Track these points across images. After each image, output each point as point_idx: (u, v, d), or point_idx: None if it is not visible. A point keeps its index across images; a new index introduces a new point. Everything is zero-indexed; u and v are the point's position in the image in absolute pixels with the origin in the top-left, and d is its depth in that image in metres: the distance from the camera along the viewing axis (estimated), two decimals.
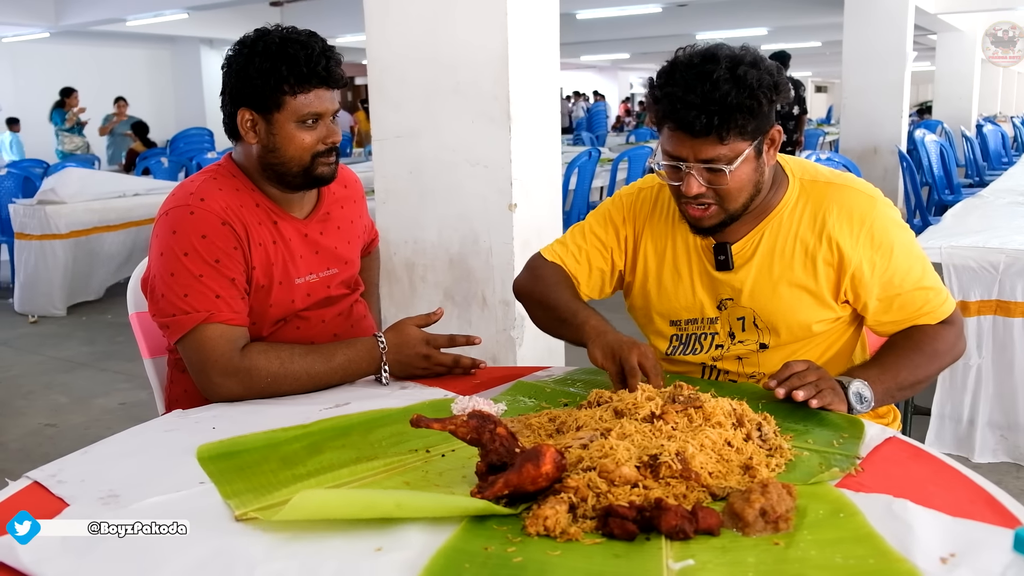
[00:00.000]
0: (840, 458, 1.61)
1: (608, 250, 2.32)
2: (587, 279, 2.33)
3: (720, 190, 2.01)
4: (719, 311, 2.21)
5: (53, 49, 18.93)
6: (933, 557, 1.24)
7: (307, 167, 2.21)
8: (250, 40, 2.18)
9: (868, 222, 2.10)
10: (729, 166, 1.97)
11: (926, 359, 2.09)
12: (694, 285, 2.23)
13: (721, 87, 1.90)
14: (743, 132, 1.95)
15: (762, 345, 2.19)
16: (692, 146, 1.97)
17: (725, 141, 1.95)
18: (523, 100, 3.51)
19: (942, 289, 2.15)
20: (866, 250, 2.09)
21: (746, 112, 1.93)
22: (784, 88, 2.01)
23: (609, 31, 20.01)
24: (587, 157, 8.41)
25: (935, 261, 3.85)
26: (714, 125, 1.92)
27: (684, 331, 2.26)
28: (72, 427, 5.01)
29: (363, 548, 1.31)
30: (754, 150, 2.00)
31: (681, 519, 1.31)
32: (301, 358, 2.14)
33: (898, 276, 2.10)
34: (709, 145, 1.96)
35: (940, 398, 3.95)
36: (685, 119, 1.93)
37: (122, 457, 1.74)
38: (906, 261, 2.10)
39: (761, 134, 2.01)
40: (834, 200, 2.12)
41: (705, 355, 2.25)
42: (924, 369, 2.09)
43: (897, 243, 2.10)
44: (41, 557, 1.29)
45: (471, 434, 1.50)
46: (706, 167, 1.99)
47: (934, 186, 9.09)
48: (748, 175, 2.02)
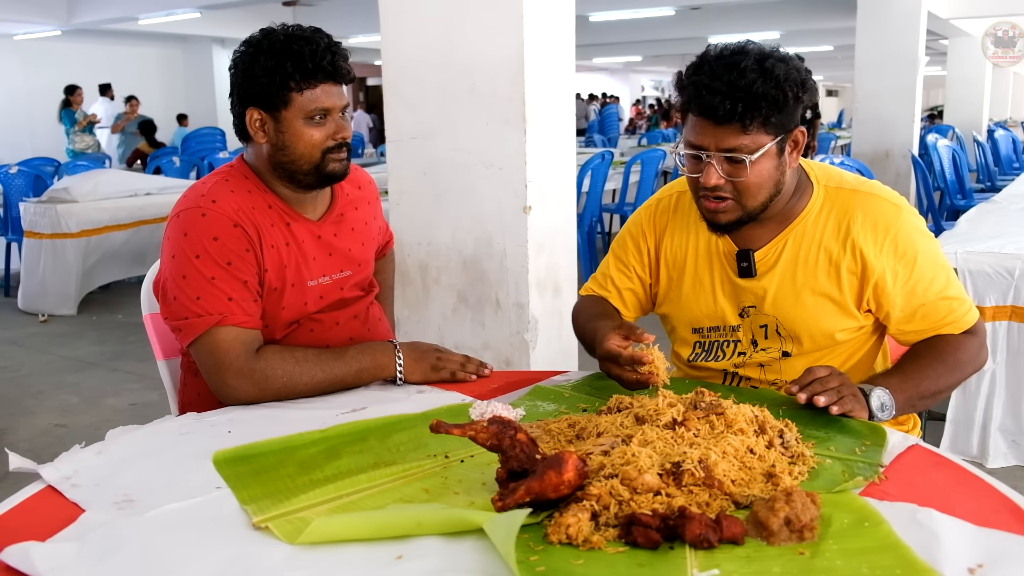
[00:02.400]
0: (863, 466, 1.59)
1: (630, 268, 2.35)
2: (621, 303, 2.37)
3: (739, 183, 2.00)
4: (741, 319, 2.20)
5: (64, 47, 18.97)
6: (960, 568, 1.23)
7: (318, 164, 2.20)
8: (255, 40, 2.18)
9: (892, 231, 2.08)
10: (750, 156, 1.96)
11: (948, 368, 2.07)
12: (715, 293, 2.22)
13: (748, 75, 1.91)
14: (766, 124, 1.95)
15: (784, 353, 2.18)
16: (715, 134, 1.97)
17: (748, 130, 1.95)
18: (538, 103, 3.50)
19: (966, 299, 2.13)
20: (889, 259, 2.08)
21: (771, 102, 1.93)
22: (812, 88, 2.01)
23: (622, 33, 20.00)
24: (600, 159, 8.40)
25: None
26: (737, 112, 1.92)
27: (707, 338, 2.26)
28: (82, 427, 5.00)
29: (383, 556, 1.30)
30: (776, 146, 2.00)
31: (705, 528, 1.30)
32: (315, 359, 2.13)
33: (921, 285, 2.08)
34: (731, 134, 1.96)
35: (955, 404, 3.94)
36: (709, 104, 1.93)
37: (137, 459, 1.72)
38: (930, 270, 2.09)
39: (785, 132, 2.00)
40: (859, 208, 2.11)
41: (727, 362, 2.24)
42: (946, 379, 2.07)
43: (921, 252, 2.08)
44: (57, 565, 1.27)
45: (491, 440, 1.49)
46: (726, 157, 1.98)
47: (946, 191, 9.06)
48: (768, 172, 2.01)
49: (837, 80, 42.20)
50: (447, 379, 2.23)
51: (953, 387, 2.17)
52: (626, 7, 16.37)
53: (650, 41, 22.21)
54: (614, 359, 1.93)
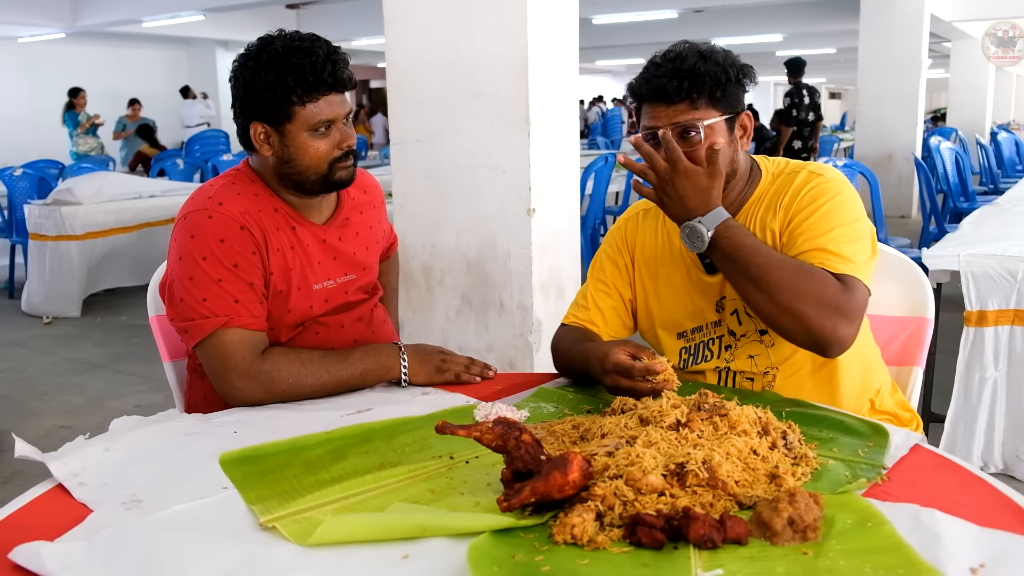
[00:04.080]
0: (866, 467, 1.60)
1: (611, 286, 2.37)
2: (603, 322, 2.36)
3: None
4: (719, 312, 2.23)
5: (69, 50, 18.99)
6: (963, 568, 1.23)
7: (325, 174, 2.21)
8: (254, 51, 2.17)
9: (806, 189, 2.14)
10: (701, 125, 2.08)
11: (794, 275, 1.97)
12: (690, 292, 2.26)
13: (689, 59, 2.09)
14: (712, 99, 2.09)
15: (762, 331, 2.19)
16: (667, 113, 2.10)
17: (696, 105, 2.08)
18: (542, 105, 3.51)
19: (851, 261, 2.03)
20: (799, 210, 2.12)
21: (714, 79, 2.07)
22: (751, 73, 2.16)
23: (625, 36, 20.00)
24: (603, 162, 8.40)
25: (953, 269, 3.83)
26: (684, 88, 2.06)
27: (692, 341, 2.28)
28: (87, 429, 4.92)
29: (390, 556, 1.30)
30: (725, 124, 2.12)
31: (709, 528, 1.31)
32: (320, 361, 2.14)
33: (813, 230, 2.08)
34: (682, 111, 2.09)
35: (955, 409, 3.91)
36: (659, 87, 2.08)
37: (144, 459, 1.73)
38: (826, 224, 2.07)
39: (732, 112, 2.13)
40: (790, 183, 2.18)
41: (718, 360, 2.25)
42: (785, 279, 1.96)
43: (825, 208, 2.10)
44: (66, 564, 1.28)
45: (496, 441, 1.50)
46: (681, 132, 2.09)
47: (949, 193, 9.05)
48: (720, 147, 2.07)
49: (840, 83, 42.21)
50: (451, 381, 2.24)
51: (779, 296, 1.96)
52: (629, 10, 16.41)
53: (653, 44, 21.91)
54: (625, 372, 1.92)
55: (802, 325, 1.96)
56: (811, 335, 1.96)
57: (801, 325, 1.96)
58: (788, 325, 1.98)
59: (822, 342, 1.97)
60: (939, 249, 3.98)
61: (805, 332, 1.96)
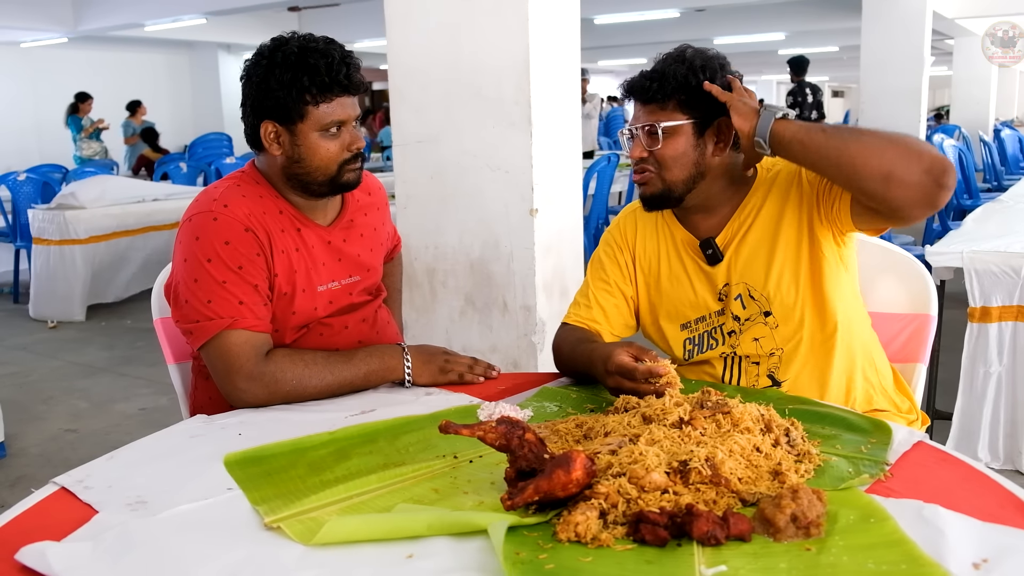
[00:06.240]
0: (869, 463, 1.60)
1: (612, 284, 2.39)
2: (606, 320, 2.37)
3: (656, 154, 2.18)
4: (721, 301, 2.26)
5: (71, 54, 18.98)
6: (966, 562, 1.24)
7: (333, 176, 2.22)
8: (268, 51, 2.18)
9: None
10: (661, 126, 2.15)
11: (877, 138, 1.95)
12: (692, 283, 2.29)
13: (667, 62, 2.18)
14: (680, 103, 2.16)
15: (766, 313, 2.22)
16: (641, 114, 2.21)
17: (664, 107, 2.17)
18: (544, 105, 3.51)
19: None
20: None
21: (680, 82, 2.14)
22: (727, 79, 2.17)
23: (627, 36, 19.97)
24: (606, 162, 8.40)
25: (956, 266, 3.85)
26: (653, 89, 2.16)
27: (695, 331, 2.30)
28: (92, 432, 5.02)
29: (395, 555, 1.31)
30: (692, 127, 2.17)
31: (713, 525, 1.31)
32: (324, 362, 2.15)
33: None
34: (651, 112, 2.18)
35: (961, 404, 3.92)
36: (637, 87, 2.20)
37: (148, 462, 1.74)
38: None
39: (701, 116, 2.16)
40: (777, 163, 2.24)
41: (724, 347, 2.27)
42: (874, 130, 1.97)
43: None
44: (72, 564, 1.29)
45: (500, 440, 1.50)
46: (647, 131, 2.18)
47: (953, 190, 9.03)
48: (683, 148, 2.17)
49: (843, 81, 42.13)
50: (455, 381, 2.25)
51: (885, 139, 1.94)
52: (631, 9, 16.37)
53: (655, 43, 21.99)
54: (628, 374, 1.93)
55: (924, 164, 1.89)
56: (932, 172, 1.89)
57: (923, 164, 1.89)
58: (910, 165, 1.89)
59: (940, 172, 1.89)
60: (943, 246, 3.99)
61: (928, 166, 1.88)
